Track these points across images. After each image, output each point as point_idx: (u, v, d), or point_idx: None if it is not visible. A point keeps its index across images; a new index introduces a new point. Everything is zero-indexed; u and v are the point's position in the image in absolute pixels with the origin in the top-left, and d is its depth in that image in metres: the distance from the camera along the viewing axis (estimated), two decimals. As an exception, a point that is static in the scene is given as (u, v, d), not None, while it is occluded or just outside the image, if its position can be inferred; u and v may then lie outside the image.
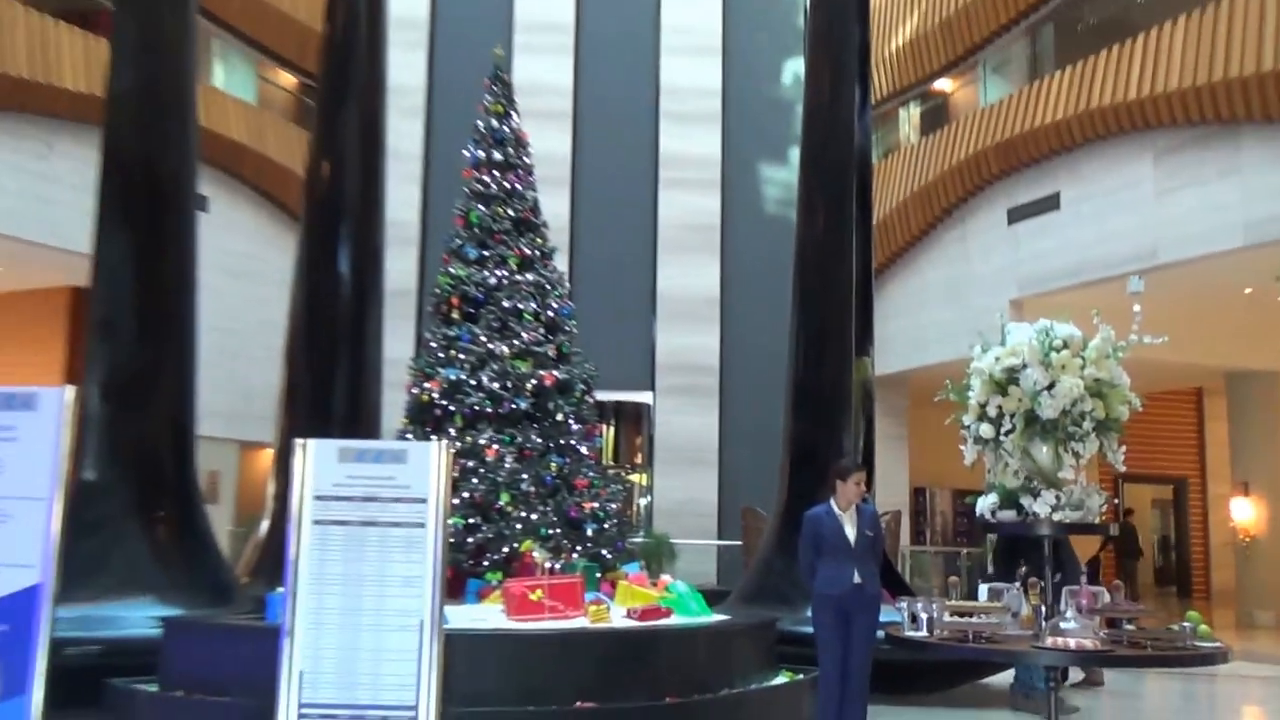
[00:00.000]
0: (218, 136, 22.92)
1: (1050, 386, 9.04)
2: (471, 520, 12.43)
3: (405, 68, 24.61)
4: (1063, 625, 8.36)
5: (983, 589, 9.88)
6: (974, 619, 8.82)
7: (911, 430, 27.64)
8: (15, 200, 19.17)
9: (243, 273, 23.91)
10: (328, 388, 14.27)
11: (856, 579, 9.43)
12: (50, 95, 19.43)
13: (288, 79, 27.00)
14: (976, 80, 26.22)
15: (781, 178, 25.72)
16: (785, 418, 15.12)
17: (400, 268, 22.61)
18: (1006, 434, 9.27)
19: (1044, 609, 8.81)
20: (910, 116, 28.42)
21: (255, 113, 24.68)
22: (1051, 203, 22.00)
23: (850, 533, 9.50)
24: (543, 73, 25.20)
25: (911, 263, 26.10)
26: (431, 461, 6.96)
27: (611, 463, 25.01)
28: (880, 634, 9.56)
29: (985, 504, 9.53)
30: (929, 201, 25.10)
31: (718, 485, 24.79)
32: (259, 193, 24.75)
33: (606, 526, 13.13)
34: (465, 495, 12.45)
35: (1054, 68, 22.62)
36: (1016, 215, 22.86)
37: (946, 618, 8.84)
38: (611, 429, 25.72)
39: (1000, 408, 9.26)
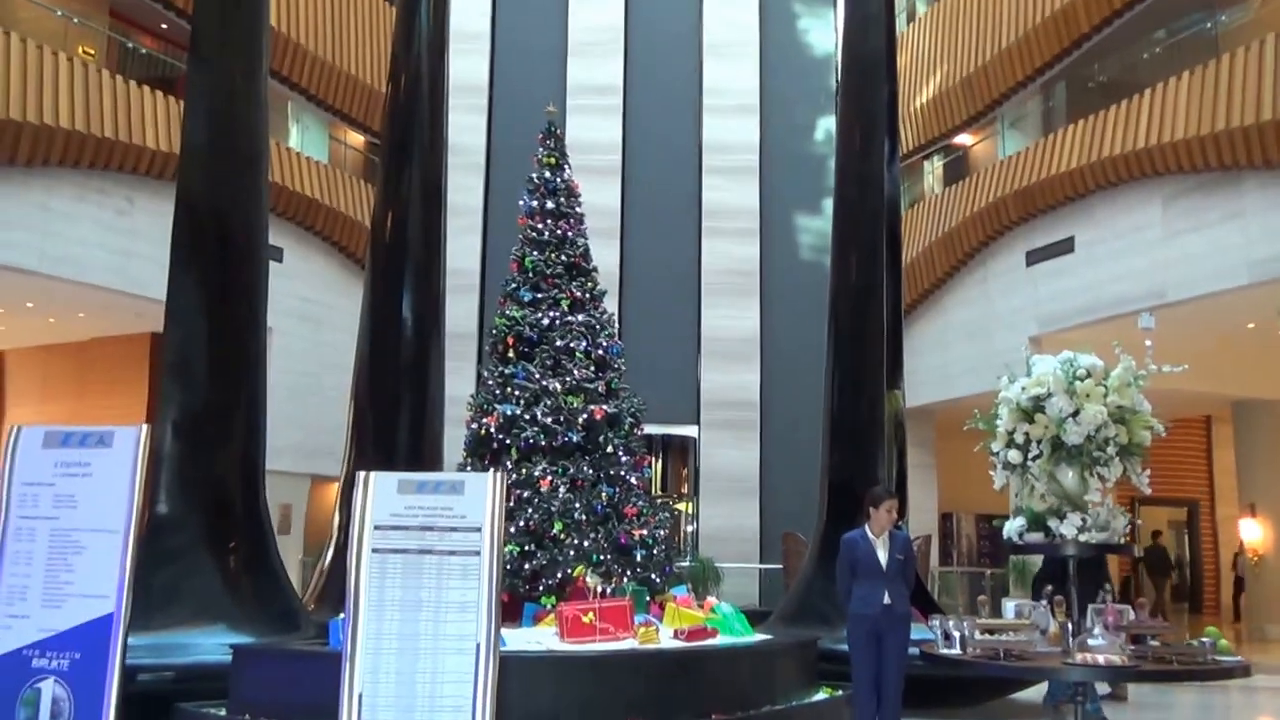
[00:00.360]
0: (292, 192, 23.11)
1: (1075, 414, 8.79)
2: (527, 547, 12.15)
3: (467, 129, 24.89)
4: (1090, 642, 8.08)
5: (1009, 606, 9.63)
6: (1004, 636, 8.56)
7: (939, 459, 27.43)
8: (100, 252, 19.15)
9: (314, 318, 23.92)
10: (392, 424, 14.05)
11: (886, 600, 9.31)
12: (134, 154, 19.38)
13: (356, 138, 27.04)
14: (995, 134, 26.17)
15: (816, 226, 25.68)
16: (822, 448, 14.93)
17: (462, 312, 22.71)
18: (1034, 459, 9.02)
19: (1070, 626, 8.58)
20: (934, 169, 28.43)
21: (326, 170, 24.63)
22: (1067, 246, 21.86)
23: (882, 557, 9.39)
24: (594, 131, 25.34)
25: (937, 303, 25.98)
26: (487, 492, 6.77)
27: (660, 492, 24.94)
28: (915, 650, 9.34)
29: (1013, 527, 9.27)
30: (952, 246, 24.95)
31: (759, 512, 24.70)
32: (330, 243, 24.67)
33: (655, 552, 12.81)
34: (521, 524, 12.18)
35: (1067, 121, 22.53)
36: (1034, 258, 22.72)
37: (978, 635, 8.57)
38: (660, 461, 25.63)
39: (1027, 434, 9.01)
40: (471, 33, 25.75)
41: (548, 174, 14.31)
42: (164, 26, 22.44)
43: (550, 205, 14.09)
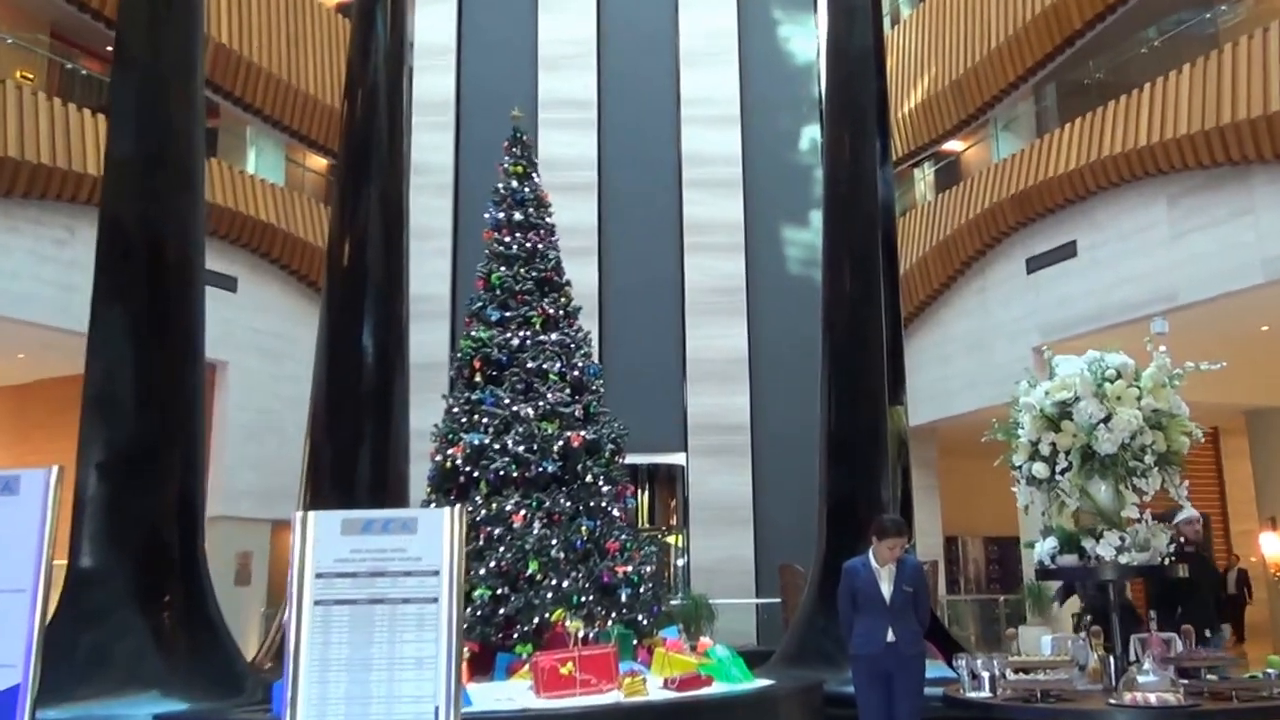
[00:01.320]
0: (246, 217, 22.35)
1: (1106, 419, 7.99)
2: (499, 590, 11.31)
3: (434, 148, 24.51)
4: (1140, 679, 7.23)
5: (1046, 640, 8.87)
6: (1040, 675, 7.78)
7: (942, 480, 26.80)
8: (38, 286, 18.36)
9: (273, 351, 23.12)
10: (352, 462, 13.14)
11: (890, 637, 8.40)
12: (73, 181, 18.64)
13: (315, 161, 26.44)
14: (988, 137, 25.84)
15: (803, 240, 25.19)
16: (820, 470, 14.12)
17: (432, 340, 22.25)
18: (1062, 473, 8.22)
19: (1113, 660, 7.81)
20: (925, 176, 28.01)
21: (283, 193, 23.90)
22: (1069, 250, 21.34)
23: (886, 589, 8.51)
24: (568, 147, 24.85)
25: (933, 316, 25.44)
26: (444, 529, 5.88)
27: (646, 525, 24.27)
28: (938, 691, 8.51)
29: (1044, 549, 8.46)
30: (948, 255, 24.42)
31: (754, 542, 23.97)
32: (287, 271, 23.89)
33: (641, 591, 12.01)
34: (492, 564, 11.37)
35: (1062, 121, 22.06)
36: (1035, 264, 22.17)
37: (1010, 675, 7.78)
38: (645, 491, 24.96)
39: (1054, 445, 8.22)
40: (436, 47, 25.13)
41: (515, 184, 13.73)
42: (109, 49, 21.75)
43: (518, 217, 13.47)
